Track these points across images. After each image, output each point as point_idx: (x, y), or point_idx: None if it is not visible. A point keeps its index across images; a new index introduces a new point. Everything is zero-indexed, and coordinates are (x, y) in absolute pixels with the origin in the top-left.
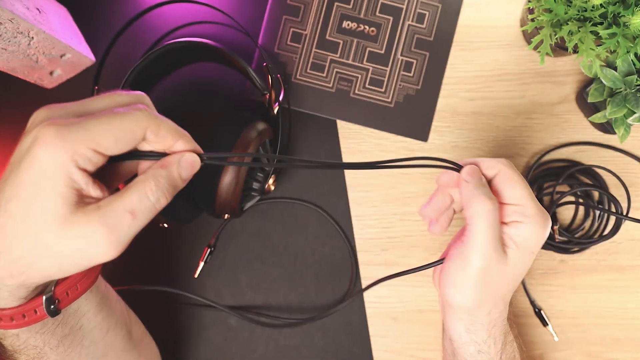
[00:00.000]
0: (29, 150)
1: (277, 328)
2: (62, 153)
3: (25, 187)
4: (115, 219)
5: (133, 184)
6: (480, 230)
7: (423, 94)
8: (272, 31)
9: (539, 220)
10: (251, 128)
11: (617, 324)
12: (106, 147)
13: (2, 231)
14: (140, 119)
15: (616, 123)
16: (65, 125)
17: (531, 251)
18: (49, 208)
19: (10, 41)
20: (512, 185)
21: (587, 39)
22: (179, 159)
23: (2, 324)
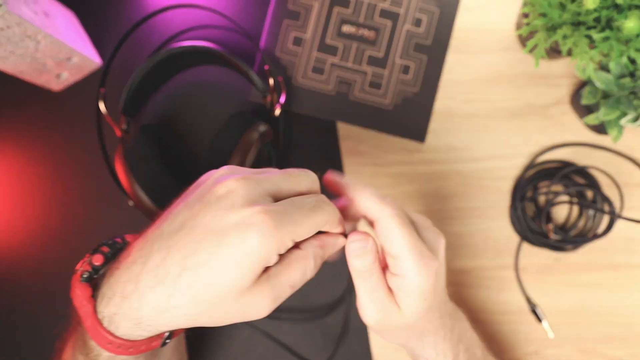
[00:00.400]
0: (243, 232)
1: (277, 327)
2: (273, 245)
3: (224, 259)
4: (280, 291)
5: (296, 259)
6: (360, 295)
7: (421, 96)
8: (274, 35)
9: (419, 272)
10: (253, 130)
11: (611, 321)
12: (302, 237)
13: (184, 290)
14: (329, 215)
15: (609, 124)
16: (280, 216)
17: (423, 297)
18: (240, 283)
19: (18, 45)
20: (389, 239)
21: (581, 43)
22: (334, 242)
23: (120, 351)
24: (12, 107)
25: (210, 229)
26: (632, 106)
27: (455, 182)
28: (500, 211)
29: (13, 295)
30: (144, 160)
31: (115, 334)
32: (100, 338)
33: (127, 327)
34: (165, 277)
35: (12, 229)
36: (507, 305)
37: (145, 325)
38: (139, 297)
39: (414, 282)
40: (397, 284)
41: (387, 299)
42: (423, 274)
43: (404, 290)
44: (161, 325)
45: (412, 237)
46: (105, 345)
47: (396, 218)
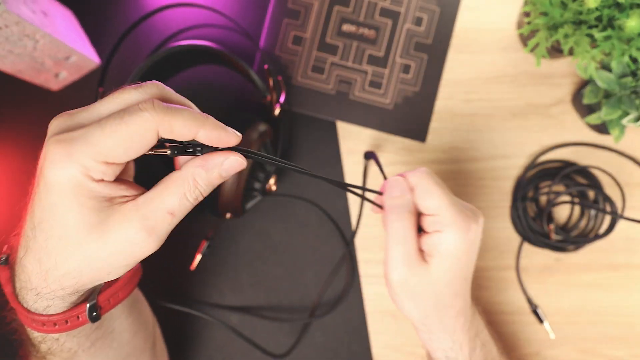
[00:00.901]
0: (42, 171)
1: (277, 326)
2: (72, 171)
3: (51, 208)
4: (155, 220)
5: (172, 182)
6: (390, 247)
7: (421, 95)
8: (273, 34)
9: (458, 226)
10: (253, 129)
11: (613, 322)
12: (116, 157)
13: (45, 251)
14: (147, 120)
15: (611, 124)
16: (69, 140)
17: (456, 257)
18: (82, 222)
19: (16, 44)
20: (428, 196)
21: (583, 42)
22: (221, 161)
23: (46, 328)
24: (10, 107)
25: (35, 185)
26: (633, 106)
27: (456, 182)
28: (501, 211)
29: None
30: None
31: (29, 310)
32: (23, 317)
33: (33, 301)
34: (27, 241)
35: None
36: (508, 305)
37: (43, 294)
38: (22, 268)
39: (451, 236)
40: (432, 241)
41: (416, 254)
42: (461, 228)
43: (440, 245)
44: (56, 291)
45: (449, 195)
46: (30, 324)
47: (433, 178)
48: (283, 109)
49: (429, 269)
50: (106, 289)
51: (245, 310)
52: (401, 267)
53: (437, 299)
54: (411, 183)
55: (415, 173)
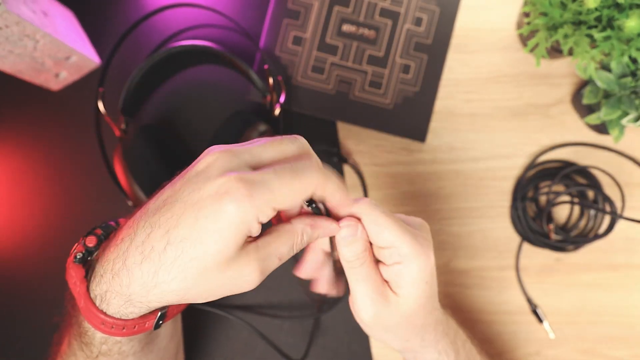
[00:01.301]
0: (218, 202)
1: (277, 326)
2: (250, 211)
3: (206, 233)
4: (268, 262)
5: (285, 232)
6: (353, 288)
7: (421, 95)
8: (273, 34)
9: (417, 255)
10: (253, 129)
11: (612, 322)
12: (283, 205)
13: (168, 266)
14: (314, 179)
15: (611, 124)
16: (251, 183)
17: (423, 282)
18: (223, 251)
19: (16, 44)
20: (378, 230)
21: (582, 42)
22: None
23: (113, 331)
24: (10, 107)
25: (189, 202)
26: (633, 106)
27: (456, 182)
28: (500, 211)
29: (12, 295)
30: (143, 160)
31: (107, 312)
32: (92, 318)
33: (118, 305)
34: (151, 252)
35: (10, 229)
36: (508, 305)
37: (135, 302)
38: (127, 273)
39: (414, 265)
40: (395, 273)
41: (382, 288)
42: (422, 255)
43: (404, 276)
44: (151, 302)
45: (399, 223)
46: (99, 325)
47: (378, 207)
48: (283, 109)
49: (398, 300)
50: None
51: (245, 310)
52: (369, 306)
53: (413, 324)
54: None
55: (360, 205)
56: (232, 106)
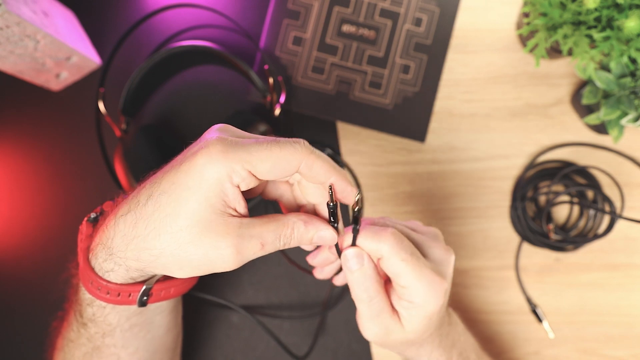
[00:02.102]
0: (193, 155)
1: (277, 325)
2: (221, 167)
3: (180, 187)
4: (248, 244)
5: (274, 220)
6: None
7: (421, 96)
8: (274, 35)
9: (429, 301)
10: (253, 129)
11: (612, 321)
12: (261, 172)
13: (146, 219)
14: (298, 150)
15: (610, 124)
16: (231, 143)
17: (430, 318)
18: (196, 211)
19: (17, 44)
20: (396, 273)
21: (582, 42)
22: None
23: (98, 293)
24: (11, 107)
25: (175, 163)
26: (632, 106)
27: (455, 182)
28: (500, 211)
29: (12, 295)
30: (144, 160)
31: (94, 268)
32: (84, 275)
33: (102, 259)
34: (136, 205)
35: (11, 229)
36: (507, 305)
37: (115, 257)
38: (113, 224)
39: (423, 308)
40: (405, 308)
41: (391, 319)
42: (432, 300)
43: (412, 313)
44: (129, 260)
45: (417, 267)
46: (87, 284)
47: (398, 253)
48: (283, 109)
49: (403, 330)
50: (163, 281)
51: (246, 309)
52: (373, 327)
53: (413, 343)
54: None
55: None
56: (233, 106)
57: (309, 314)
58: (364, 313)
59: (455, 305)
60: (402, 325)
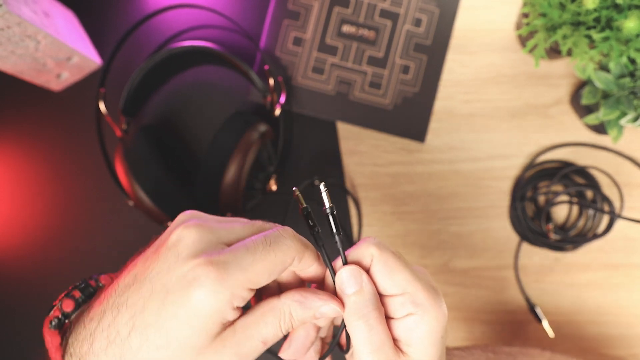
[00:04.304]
0: (186, 288)
1: None
2: (221, 298)
3: (171, 321)
4: (249, 348)
5: (269, 310)
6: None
7: (420, 96)
8: (274, 35)
9: (431, 304)
10: (253, 129)
11: (611, 321)
12: (259, 283)
13: (133, 353)
14: (291, 249)
15: (609, 124)
16: (222, 265)
17: (437, 339)
18: (192, 343)
19: (18, 45)
20: (389, 272)
21: (581, 43)
22: (319, 305)
23: None
24: (12, 107)
25: (156, 285)
26: (632, 106)
27: (455, 182)
28: (500, 211)
29: (13, 295)
30: (144, 160)
31: None
32: None
33: None
34: (116, 337)
35: (12, 229)
36: (507, 305)
37: None
38: (92, 358)
39: (429, 317)
40: (406, 327)
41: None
42: (438, 306)
43: (417, 331)
44: None
45: (411, 267)
46: None
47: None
48: (283, 110)
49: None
50: None
51: None
52: None
53: None
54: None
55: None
56: (233, 106)
57: None
58: (363, 349)
59: (455, 305)
60: (405, 354)
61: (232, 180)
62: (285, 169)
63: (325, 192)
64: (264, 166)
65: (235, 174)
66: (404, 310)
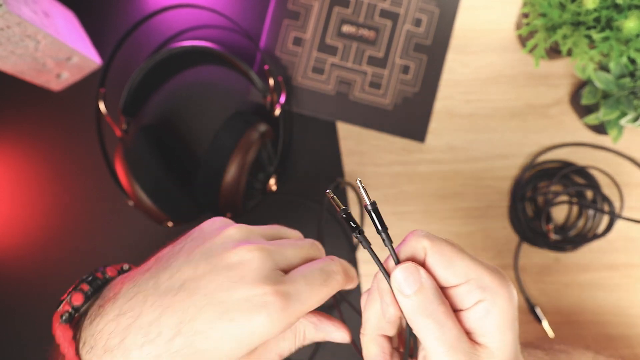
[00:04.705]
0: (252, 312)
1: None
2: (278, 326)
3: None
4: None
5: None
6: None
7: (421, 96)
8: (274, 35)
9: (502, 286)
10: (253, 129)
11: (611, 321)
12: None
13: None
14: (339, 284)
15: (609, 124)
16: (287, 297)
17: (513, 319)
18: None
19: (18, 45)
20: (448, 262)
21: (581, 43)
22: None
23: None
24: (12, 107)
25: (215, 298)
26: (632, 106)
27: (455, 182)
28: (499, 211)
29: (12, 295)
30: (144, 160)
31: None
32: None
33: None
34: (157, 337)
35: (12, 229)
36: None
37: None
38: (124, 352)
39: (500, 299)
40: (477, 316)
41: (471, 345)
42: (505, 285)
43: (490, 317)
44: None
45: (472, 255)
46: None
47: (438, 237)
48: (283, 110)
49: (488, 352)
50: None
51: None
52: None
53: None
54: (417, 257)
55: (414, 240)
56: (233, 106)
57: None
58: (437, 349)
59: None
60: (482, 345)
61: (232, 180)
62: (285, 169)
63: (363, 188)
64: (264, 166)
65: (235, 174)
66: (472, 299)
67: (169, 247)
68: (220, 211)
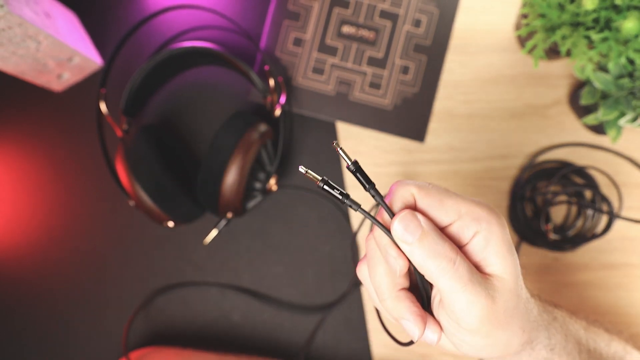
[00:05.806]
0: None
1: (279, 325)
2: None
3: None
4: None
5: None
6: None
7: (420, 96)
8: (274, 36)
9: (491, 214)
10: (253, 129)
11: (611, 321)
12: None
13: None
14: None
15: (608, 125)
16: None
17: (510, 242)
18: None
19: (19, 45)
20: (438, 202)
21: (580, 43)
22: None
23: None
24: (13, 108)
25: None
26: (630, 106)
27: (455, 182)
28: (499, 211)
29: (12, 295)
30: (145, 161)
31: None
32: None
33: None
34: None
35: (13, 229)
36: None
37: None
38: None
39: (496, 226)
40: (479, 247)
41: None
42: (494, 212)
43: (491, 244)
44: None
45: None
46: None
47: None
48: (283, 110)
49: (494, 280)
50: None
51: (245, 309)
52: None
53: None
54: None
55: (404, 188)
56: (233, 107)
57: (309, 313)
58: (453, 286)
59: None
60: (490, 275)
61: (232, 180)
62: (286, 169)
63: (341, 149)
64: (264, 166)
65: (236, 174)
66: (469, 232)
67: None
68: (220, 211)
